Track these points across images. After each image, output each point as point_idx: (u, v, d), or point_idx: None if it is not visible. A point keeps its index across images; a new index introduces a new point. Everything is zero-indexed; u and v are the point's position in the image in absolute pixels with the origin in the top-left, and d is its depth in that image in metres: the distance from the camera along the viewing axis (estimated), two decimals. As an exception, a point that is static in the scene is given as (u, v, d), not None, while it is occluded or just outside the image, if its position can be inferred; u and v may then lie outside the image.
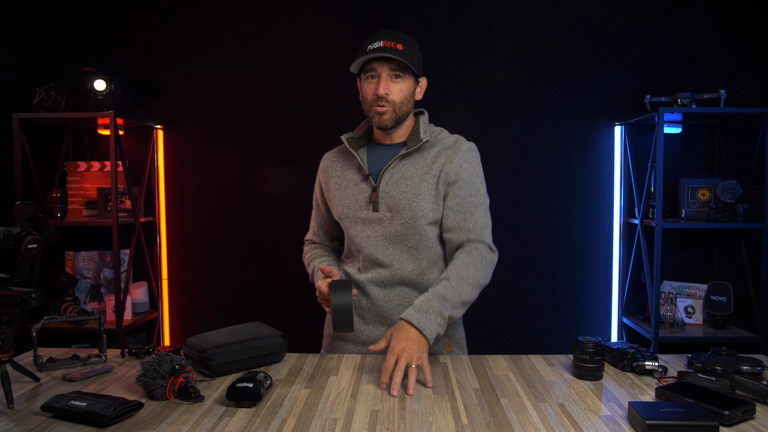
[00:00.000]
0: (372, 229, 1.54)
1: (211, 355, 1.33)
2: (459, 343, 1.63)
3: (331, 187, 1.62)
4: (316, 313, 3.11)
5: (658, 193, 2.68)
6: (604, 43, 2.99)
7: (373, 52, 1.46)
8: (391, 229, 1.52)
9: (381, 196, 1.52)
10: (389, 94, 1.48)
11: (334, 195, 1.61)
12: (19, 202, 1.22)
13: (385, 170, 1.53)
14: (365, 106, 1.54)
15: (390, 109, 1.50)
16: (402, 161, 1.54)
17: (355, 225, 1.56)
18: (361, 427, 1.07)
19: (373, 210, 1.53)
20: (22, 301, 1.13)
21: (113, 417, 1.06)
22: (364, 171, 1.55)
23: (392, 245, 1.53)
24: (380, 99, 1.49)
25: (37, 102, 2.78)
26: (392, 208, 1.51)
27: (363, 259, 1.57)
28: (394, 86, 1.49)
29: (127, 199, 2.93)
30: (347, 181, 1.58)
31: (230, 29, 3.06)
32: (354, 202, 1.56)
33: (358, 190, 1.56)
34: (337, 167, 1.63)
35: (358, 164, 1.57)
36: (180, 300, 3.16)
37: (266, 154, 3.07)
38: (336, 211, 1.60)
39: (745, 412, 1.07)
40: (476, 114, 3.02)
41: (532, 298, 3.04)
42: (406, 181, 1.52)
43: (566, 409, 1.15)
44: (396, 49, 1.46)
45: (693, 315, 2.85)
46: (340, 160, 1.64)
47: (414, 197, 1.50)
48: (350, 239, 1.59)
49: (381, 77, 1.48)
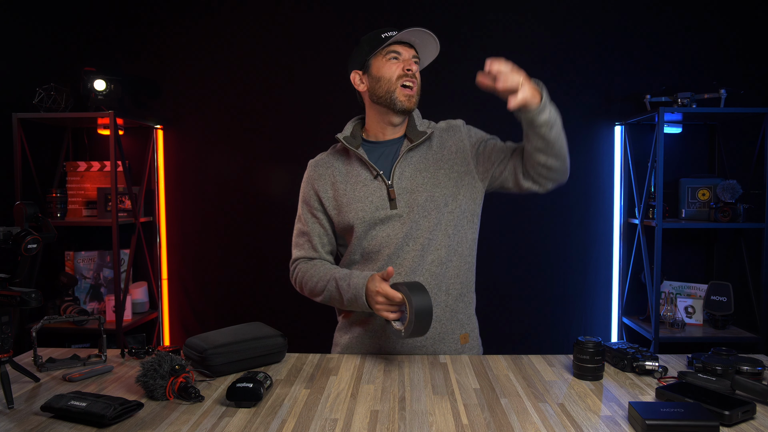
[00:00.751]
0: (392, 227, 1.49)
1: (211, 355, 1.33)
2: (474, 333, 1.60)
3: (337, 192, 1.54)
4: (316, 314, 3.12)
5: (659, 193, 2.68)
6: (604, 42, 2.99)
7: (409, 32, 1.47)
8: (411, 225, 1.48)
9: (398, 192, 1.49)
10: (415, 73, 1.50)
11: (342, 200, 1.53)
12: (19, 202, 1.22)
13: (396, 165, 1.51)
14: (386, 86, 1.50)
15: (417, 90, 1.51)
16: (409, 154, 1.52)
17: (374, 227, 1.50)
18: (361, 427, 1.07)
19: (391, 208, 1.49)
20: (21, 301, 1.13)
21: (113, 417, 1.06)
22: (373, 169, 1.51)
23: (412, 240, 1.49)
24: (409, 74, 1.48)
25: (37, 102, 2.78)
26: (411, 202, 1.49)
27: (382, 260, 1.50)
28: (416, 67, 1.52)
29: (127, 199, 2.92)
30: (355, 184, 1.53)
31: (230, 29, 3.06)
32: (369, 203, 1.50)
33: (371, 190, 1.51)
34: (338, 172, 1.56)
35: (362, 163, 1.53)
36: (180, 300, 3.16)
37: (266, 154, 3.07)
38: (348, 217, 1.51)
39: (745, 413, 1.07)
40: (476, 114, 3.00)
41: (533, 297, 3.04)
42: (421, 173, 1.50)
43: (566, 410, 1.15)
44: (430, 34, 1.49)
45: (693, 315, 2.85)
46: (338, 163, 1.58)
47: (433, 187, 1.49)
48: (367, 243, 1.51)
49: (405, 58, 1.50)
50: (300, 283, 1.61)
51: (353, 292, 1.43)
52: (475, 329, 1.62)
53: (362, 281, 1.42)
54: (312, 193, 1.59)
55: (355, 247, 1.54)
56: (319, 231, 1.59)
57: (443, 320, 1.52)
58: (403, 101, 1.50)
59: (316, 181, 1.59)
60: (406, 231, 1.48)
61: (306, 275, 1.57)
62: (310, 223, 1.60)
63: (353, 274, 1.46)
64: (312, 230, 1.59)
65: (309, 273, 1.56)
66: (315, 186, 1.58)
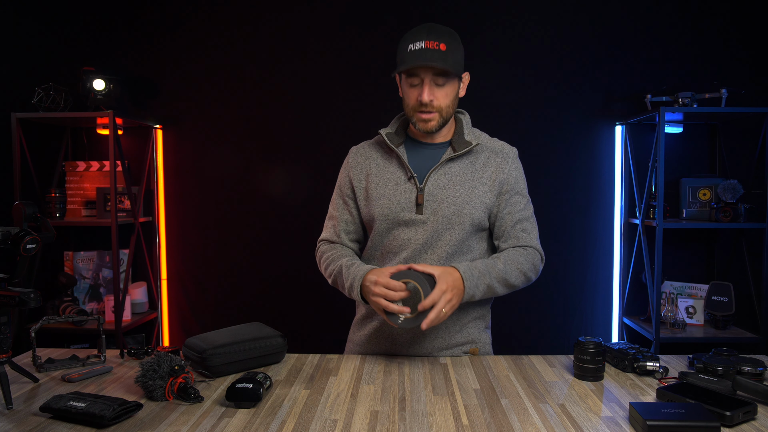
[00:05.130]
0: (413, 231, 1.48)
1: (210, 356, 1.32)
2: (485, 348, 1.59)
3: (370, 184, 1.53)
4: (316, 314, 3.12)
5: (659, 193, 2.67)
6: (604, 42, 2.99)
7: (415, 56, 1.39)
8: (433, 234, 1.47)
9: (427, 198, 1.47)
10: (434, 100, 1.44)
11: (372, 194, 1.52)
12: (18, 202, 1.22)
13: (431, 172, 1.49)
14: (407, 110, 1.49)
15: (437, 115, 1.46)
16: (449, 164, 1.50)
17: (396, 227, 1.49)
18: (360, 427, 1.06)
19: (417, 213, 1.48)
20: (20, 301, 1.13)
21: (112, 418, 1.06)
22: (408, 171, 1.50)
23: (431, 249, 1.48)
24: (424, 105, 1.44)
25: (36, 102, 2.77)
26: (437, 211, 1.47)
27: (399, 262, 1.49)
28: (438, 91, 1.44)
29: (126, 199, 2.92)
30: (387, 180, 1.51)
31: (230, 29, 3.05)
32: (396, 203, 1.49)
33: (401, 191, 1.50)
34: (375, 164, 1.55)
35: (399, 163, 1.52)
36: (179, 300, 3.16)
37: (266, 154, 3.07)
38: (374, 211, 1.51)
39: (746, 413, 1.07)
40: (476, 114, 3.00)
41: (533, 298, 3.04)
42: (455, 186, 1.48)
43: (567, 410, 1.14)
44: (439, 51, 1.39)
45: (694, 315, 2.85)
46: (377, 156, 1.56)
47: (464, 203, 1.47)
48: (388, 241, 1.51)
49: (424, 82, 1.43)
50: (319, 262, 1.63)
51: (351, 281, 1.44)
52: (487, 345, 1.61)
53: (362, 272, 1.43)
54: (347, 179, 1.59)
55: (376, 243, 1.54)
56: (346, 218, 1.60)
57: (452, 332, 1.52)
58: (421, 126, 1.48)
59: (353, 168, 1.59)
60: (427, 238, 1.47)
61: (323, 256, 1.60)
62: (340, 208, 1.61)
63: (356, 264, 1.47)
64: (340, 216, 1.61)
65: (326, 255, 1.59)
66: (351, 173, 1.59)
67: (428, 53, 1.39)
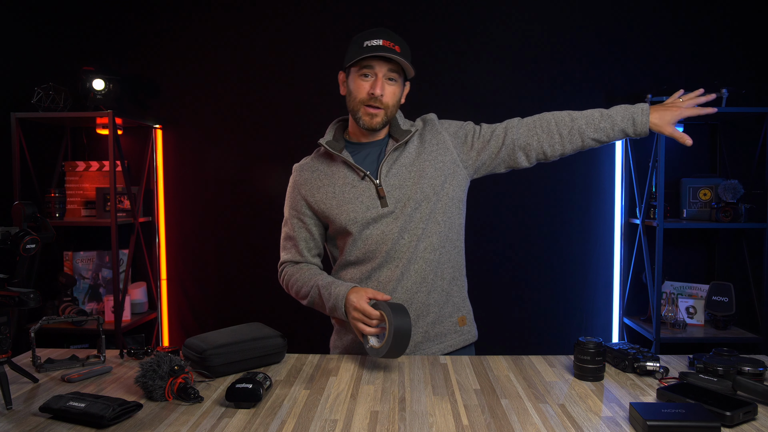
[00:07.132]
0: (385, 224, 1.50)
1: (210, 356, 1.32)
2: (470, 315, 1.64)
3: (326, 196, 1.54)
4: (316, 314, 3.12)
5: (660, 193, 2.67)
6: (604, 42, 2.99)
7: (373, 50, 1.44)
8: (404, 219, 1.50)
9: (387, 189, 1.51)
10: (384, 96, 1.48)
11: (330, 204, 1.53)
12: (18, 202, 1.22)
13: (383, 164, 1.52)
14: (352, 104, 1.52)
15: (383, 112, 1.50)
16: (395, 153, 1.54)
17: (367, 226, 1.51)
18: (360, 428, 1.06)
19: (382, 206, 1.51)
20: (20, 301, 1.13)
21: (112, 418, 1.06)
22: (360, 171, 1.53)
23: (407, 233, 1.51)
24: (374, 99, 1.47)
25: (36, 101, 2.77)
26: (401, 197, 1.51)
27: (380, 257, 1.51)
28: (388, 88, 1.49)
29: (126, 199, 2.92)
30: (342, 186, 1.53)
31: (229, 29, 3.05)
32: (360, 203, 1.51)
33: (359, 191, 1.52)
34: (323, 175, 1.57)
35: (347, 166, 1.55)
36: (179, 300, 3.16)
37: (265, 154, 3.06)
38: (341, 219, 1.52)
39: (746, 413, 1.07)
40: (476, 114, 2.99)
41: (533, 298, 3.04)
42: (407, 168, 1.53)
43: (567, 410, 1.14)
44: (395, 50, 1.46)
45: (694, 315, 2.85)
46: (322, 167, 1.58)
47: (421, 179, 1.51)
48: (362, 243, 1.52)
49: (377, 77, 1.47)
50: (286, 285, 1.65)
51: (333, 302, 1.46)
52: (470, 312, 1.66)
53: (343, 291, 1.45)
54: (299, 198, 1.60)
55: (351, 249, 1.54)
56: (305, 236, 1.61)
57: (440, 304, 1.56)
58: (366, 120, 1.51)
59: (302, 186, 1.59)
60: (401, 225, 1.50)
61: (291, 279, 1.61)
62: (297, 228, 1.61)
63: (335, 283, 1.49)
64: (298, 235, 1.61)
65: (294, 277, 1.60)
66: (302, 191, 1.59)
67: (386, 49, 1.44)
